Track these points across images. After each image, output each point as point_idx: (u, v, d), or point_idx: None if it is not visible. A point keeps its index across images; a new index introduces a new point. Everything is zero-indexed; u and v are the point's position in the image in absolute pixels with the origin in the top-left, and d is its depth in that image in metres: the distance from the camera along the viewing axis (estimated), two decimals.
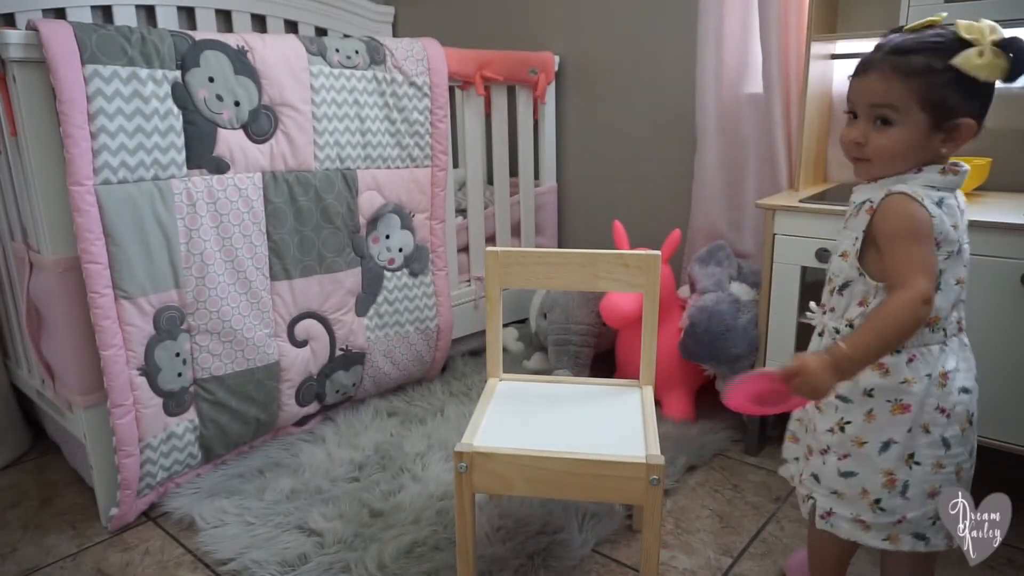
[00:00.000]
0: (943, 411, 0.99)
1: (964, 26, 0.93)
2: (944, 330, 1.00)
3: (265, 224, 1.66)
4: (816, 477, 1.08)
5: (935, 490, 1.01)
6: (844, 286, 1.04)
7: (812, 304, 1.18)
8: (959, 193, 1.01)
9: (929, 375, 0.99)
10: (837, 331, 1.04)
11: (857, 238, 1.01)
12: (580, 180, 2.52)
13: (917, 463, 1.01)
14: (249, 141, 1.61)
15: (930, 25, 0.97)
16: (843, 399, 1.04)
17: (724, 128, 2.04)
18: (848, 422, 1.03)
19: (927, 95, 0.93)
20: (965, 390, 1.01)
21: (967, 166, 0.99)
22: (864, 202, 1.01)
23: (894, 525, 1.03)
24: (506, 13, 2.58)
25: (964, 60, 0.91)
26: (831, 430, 1.05)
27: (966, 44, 0.91)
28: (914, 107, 0.94)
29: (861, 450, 1.03)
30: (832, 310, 1.07)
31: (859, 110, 0.99)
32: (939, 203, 0.95)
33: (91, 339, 1.42)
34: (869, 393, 1.02)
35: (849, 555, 1.17)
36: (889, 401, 1.00)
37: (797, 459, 1.17)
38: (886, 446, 1.01)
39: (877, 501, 1.03)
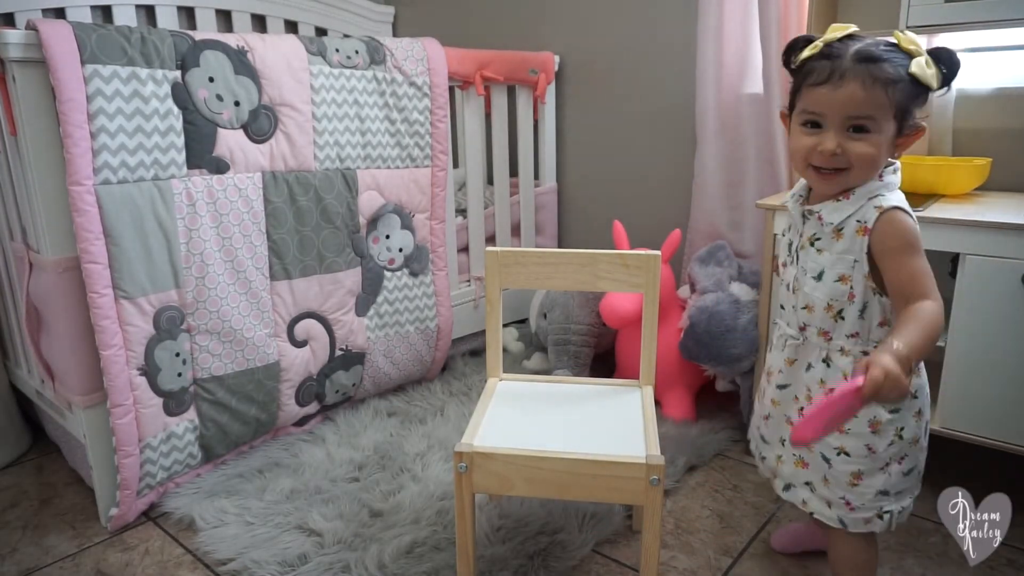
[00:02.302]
0: None
1: (902, 38, 0.96)
2: None
3: (265, 224, 1.65)
4: (885, 492, 1.08)
5: None
6: (863, 309, 1.04)
7: (783, 325, 1.16)
8: None
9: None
10: (865, 353, 1.03)
11: (857, 261, 1.02)
12: (580, 180, 2.52)
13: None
14: (249, 141, 1.61)
15: (851, 35, 0.99)
16: (895, 411, 1.06)
17: (724, 128, 2.04)
18: (903, 428, 1.07)
19: (899, 103, 0.95)
20: None
21: (898, 162, 1.04)
22: (845, 221, 1.01)
23: None
24: (506, 13, 2.58)
25: (919, 69, 0.94)
26: (892, 443, 1.06)
27: (907, 54, 0.96)
28: (889, 115, 0.96)
29: (916, 446, 1.09)
30: (854, 336, 1.05)
31: (829, 120, 0.98)
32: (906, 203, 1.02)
33: (91, 339, 1.42)
34: (914, 395, 1.07)
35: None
36: (927, 393, 1.09)
37: (808, 483, 1.14)
38: (927, 427, 1.11)
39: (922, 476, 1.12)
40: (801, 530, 1.41)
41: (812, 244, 1.07)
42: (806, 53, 1.01)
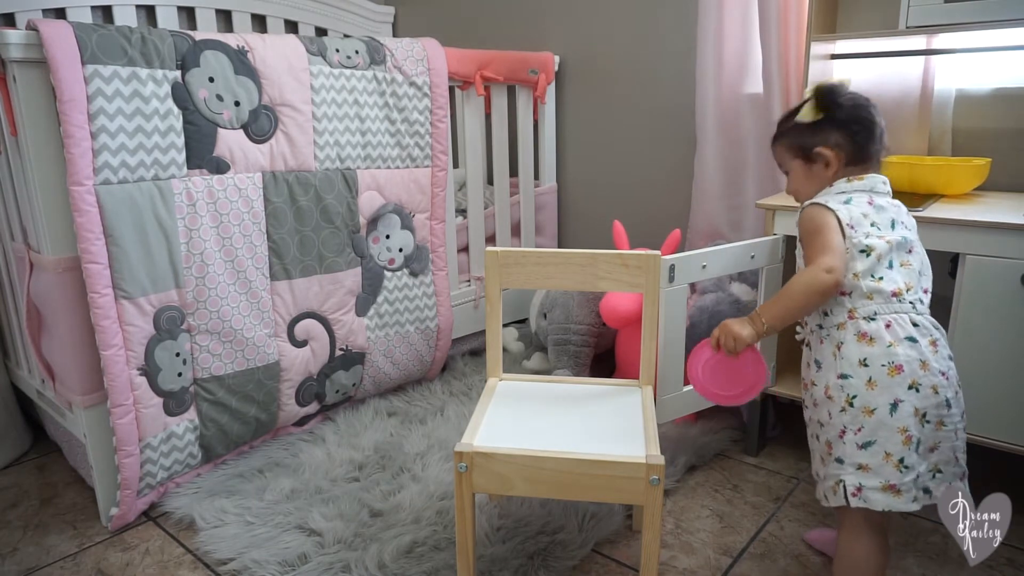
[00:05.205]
0: (943, 374, 1.11)
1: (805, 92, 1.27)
2: (911, 303, 1.14)
3: (265, 224, 1.66)
4: (840, 460, 1.14)
5: (935, 445, 1.12)
6: None
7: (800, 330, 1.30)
8: (879, 196, 1.21)
9: (912, 339, 1.11)
10: (820, 326, 1.20)
11: (798, 251, 1.26)
12: (580, 180, 2.52)
13: (928, 421, 1.10)
14: (249, 141, 1.61)
15: None
16: (844, 376, 1.13)
17: (724, 128, 2.04)
18: (854, 396, 1.12)
19: (790, 146, 1.27)
20: (951, 357, 1.15)
21: (874, 174, 1.22)
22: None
23: (914, 483, 1.10)
24: (506, 13, 2.58)
25: (800, 115, 1.25)
26: (843, 409, 1.13)
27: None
28: (789, 158, 1.28)
29: (872, 417, 1.11)
30: (812, 314, 1.23)
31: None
32: (847, 201, 1.19)
33: (91, 339, 1.42)
34: (864, 363, 1.12)
35: (880, 565, 1.16)
36: (883, 365, 1.11)
37: (816, 473, 1.23)
38: (895, 406, 1.10)
39: (901, 460, 1.10)
40: (833, 536, 1.39)
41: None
42: None
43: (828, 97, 1.22)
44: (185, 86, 1.49)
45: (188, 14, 2.40)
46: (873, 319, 1.13)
